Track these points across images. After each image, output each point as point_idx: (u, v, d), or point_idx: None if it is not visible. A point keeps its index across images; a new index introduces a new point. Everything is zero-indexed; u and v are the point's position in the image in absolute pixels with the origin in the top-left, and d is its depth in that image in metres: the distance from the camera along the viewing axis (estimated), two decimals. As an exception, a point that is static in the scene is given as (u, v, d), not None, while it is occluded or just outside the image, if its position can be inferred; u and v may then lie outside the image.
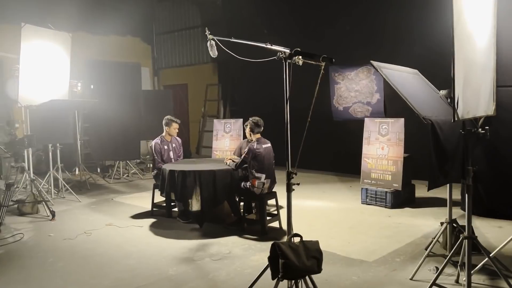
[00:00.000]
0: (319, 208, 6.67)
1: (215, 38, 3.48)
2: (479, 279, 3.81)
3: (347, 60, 8.80)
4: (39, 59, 7.46)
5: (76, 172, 9.74)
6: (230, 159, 5.84)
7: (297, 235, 3.10)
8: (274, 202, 5.72)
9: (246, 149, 5.41)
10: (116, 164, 9.92)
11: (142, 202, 7.16)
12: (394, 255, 4.52)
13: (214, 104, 12.96)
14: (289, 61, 3.05)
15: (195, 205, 5.37)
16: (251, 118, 5.57)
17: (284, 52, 3.06)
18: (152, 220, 6.12)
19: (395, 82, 3.74)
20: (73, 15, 10.62)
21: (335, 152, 9.35)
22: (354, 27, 8.93)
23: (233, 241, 5.11)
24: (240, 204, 5.85)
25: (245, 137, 5.96)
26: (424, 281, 3.80)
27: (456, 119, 3.01)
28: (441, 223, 4.33)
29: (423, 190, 6.74)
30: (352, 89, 9.06)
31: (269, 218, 5.61)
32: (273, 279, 3.01)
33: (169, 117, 6.57)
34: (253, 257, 4.54)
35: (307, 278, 3.05)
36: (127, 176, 9.94)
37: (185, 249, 4.87)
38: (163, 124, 6.52)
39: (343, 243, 4.97)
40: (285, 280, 3.01)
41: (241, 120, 7.98)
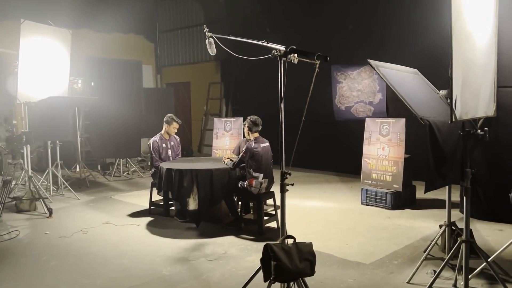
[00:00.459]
0: (318, 208, 6.60)
1: (213, 36, 3.45)
2: (477, 283, 3.74)
3: (350, 59, 8.74)
4: (39, 55, 7.42)
5: (76, 169, 9.72)
6: (228, 158, 5.79)
7: (290, 236, 3.04)
8: (272, 202, 5.65)
9: (244, 148, 5.36)
10: (117, 161, 9.90)
11: (141, 200, 7.12)
12: (392, 258, 4.45)
13: (217, 103, 12.92)
14: (284, 59, 3.00)
15: (192, 204, 5.32)
16: (249, 117, 5.52)
17: (279, 50, 3.00)
18: (149, 219, 6.08)
19: (393, 81, 3.67)
20: (76, 12, 10.63)
21: (337, 152, 9.28)
22: (357, 26, 8.86)
23: (230, 241, 5.06)
24: (238, 203, 5.80)
25: (245, 136, 5.90)
26: (421, 284, 3.73)
27: (454, 120, 2.95)
28: (440, 226, 4.25)
29: (423, 192, 6.63)
30: (354, 88, 8.98)
31: (266, 218, 5.55)
32: (265, 281, 2.95)
33: (171, 115, 6.51)
34: (248, 257, 4.49)
35: (300, 280, 2.99)
36: (127, 174, 9.92)
37: (180, 248, 4.82)
38: (164, 121, 6.47)
39: (340, 244, 4.91)
40: (278, 283, 2.96)
41: (241, 119, 7.92)
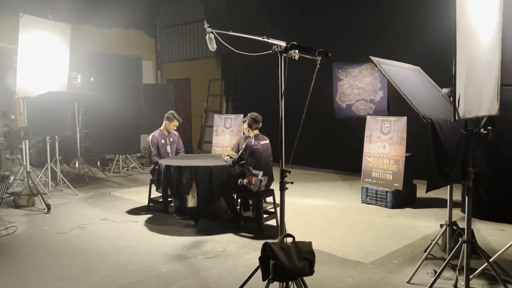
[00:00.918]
0: (318, 207, 6.55)
1: (214, 32, 3.41)
2: (478, 284, 3.69)
3: (351, 57, 8.67)
4: (38, 50, 7.36)
5: (75, 165, 9.68)
6: (227, 155, 5.74)
7: (289, 235, 3.00)
8: (272, 200, 5.61)
9: (244, 145, 5.31)
10: (116, 157, 9.85)
11: (140, 196, 7.08)
12: (392, 257, 4.41)
13: (217, 99, 12.86)
14: (285, 55, 2.95)
15: (190, 201, 5.28)
16: (249, 114, 5.47)
17: (280, 46, 2.96)
18: (148, 216, 6.04)
19: (394, 78, 3.61)
20: (76, 7, 10.58)
21: (337, 150, 9.22)
22: (358, 23, 8.78)
23: (228, 238, 5.02)
24: (237, 201, 5.76)
25: (244, 133, 5.85)
26: (421, 284, 3.70)
27: (457, 118, 2.89)
28: (441, 225, 4.21)
29: (424, 191, 6.58)
30: (355, 86, 8.92)
31: (266, 216, 5.51)
32: (263, 280, 2.92)
33: (173, 112, 6.45)
34: (247, 255, 4.45)
35: (298, 280, 2.95)
36: (127, 170, 9.88)
37: (178, 246, 4.78)
38: (165, 117, 6.41)
39: (340, 243, 4.87)
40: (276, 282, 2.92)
41: (241, 115, 7.87)
